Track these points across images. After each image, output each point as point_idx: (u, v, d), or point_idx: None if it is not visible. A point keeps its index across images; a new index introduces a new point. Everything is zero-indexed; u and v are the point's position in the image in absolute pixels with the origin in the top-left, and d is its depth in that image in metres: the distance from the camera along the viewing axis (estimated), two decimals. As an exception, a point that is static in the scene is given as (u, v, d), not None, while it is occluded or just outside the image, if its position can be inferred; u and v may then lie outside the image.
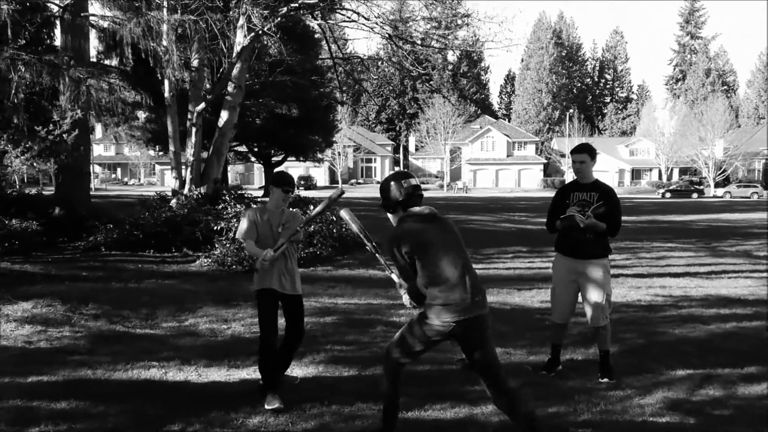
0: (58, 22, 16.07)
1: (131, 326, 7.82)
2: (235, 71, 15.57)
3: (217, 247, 12.21)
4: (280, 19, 14.89)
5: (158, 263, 12.48)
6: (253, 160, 41.42)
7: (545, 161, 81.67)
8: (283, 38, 15.59)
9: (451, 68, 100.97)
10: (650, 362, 6.26)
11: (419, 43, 19.65)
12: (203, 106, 16.15)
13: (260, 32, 14.67)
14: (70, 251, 13.53)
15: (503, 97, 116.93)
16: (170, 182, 17.25)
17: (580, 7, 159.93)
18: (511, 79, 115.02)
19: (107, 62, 17.78)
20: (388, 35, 17.29)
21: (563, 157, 72.79)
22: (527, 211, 32.77)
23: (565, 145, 73.07)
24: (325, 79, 32.27)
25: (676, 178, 75.97)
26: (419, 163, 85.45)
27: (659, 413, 4.96)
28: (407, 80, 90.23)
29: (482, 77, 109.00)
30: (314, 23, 20.83)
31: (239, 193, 16.43)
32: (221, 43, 14.46)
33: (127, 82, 17.69)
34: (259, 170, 68.59)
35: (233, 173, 69.09)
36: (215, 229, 12.81)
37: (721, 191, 63.74)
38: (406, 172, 4.53)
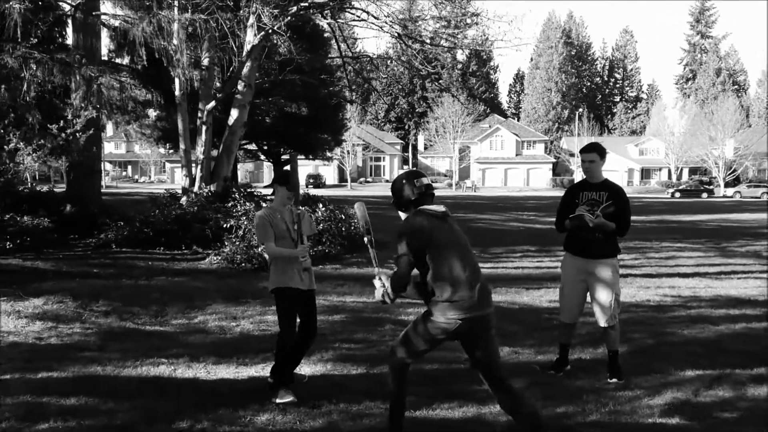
0: (69, 21, 16.19)
1: (141, 323, 7.86)
2: (245, 70, 15.62)
3: (226, 244, 12.25)
4: (290, 18, 14.93)
5: (168, 260, 12.55)
6: (262, 158, 41.43)
7: (554, 160, 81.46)
8: (292, 37, 15.66)
9: (460, 67, 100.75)
10: (659, 363, 6.24)
11: (428, 42, 19.67)
12: (213, 104, 16.22)
13: (270, 31, 14.72)
14: (81, 248, 13.61)
15: (512, 96, 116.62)
16: (180, 180, 17.31)
17: (589, 6, 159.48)
18: (520, 78, 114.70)
19: (118, 61, 17.90)
20: (397, 34, 17.31)
21: (572, 156, 72.56)
22: (536, 210, 32.70)
23: (574, 144, 72.79)
24: (334, 77, 32.24)
25: (685, 177, 75.63)
26: (428, 161, 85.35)
27: (668, 414, 4.95)
28: (416, 79, 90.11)
29: (491, 76, 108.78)
30: (324, 22, 20.91)
31: (249, 191, 16.51)
32: (231, 42, 14.52)
33: (138, 80, 17.83)
34: (268, 168, 68.75)
35: (243, 171, 69.28)
36: (225, 226, 12.85)
37: (731, 191, 63.39)
38: (418, 171, 4.52)
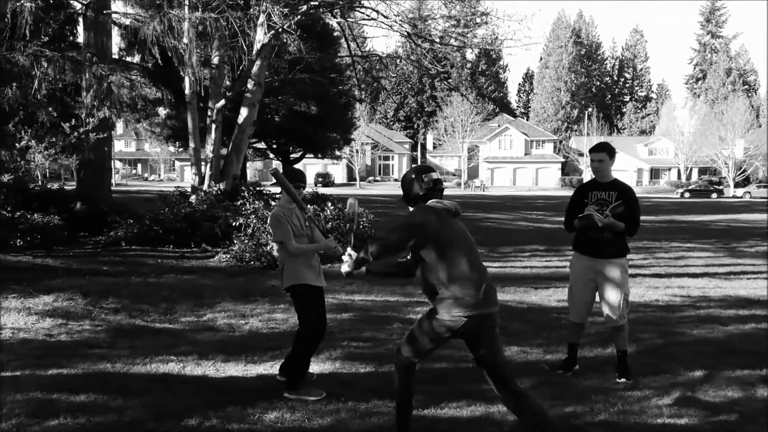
0: (80, 19, 16.26)
1: (150, 320, 7.89)
2: (255, 69, 15.65)
3: (235, 243, 12.27)
4: (300, 17, 14.97)
5: (177, 258, 12.59)
6: (271, 156, 41.46)
7: (563, 160, 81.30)
8: (302, 36, 15.69)
9: (469, 66, 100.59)
10: (668, 363, 6.22)
11: (438, 41, 19.68)
12: (223, 103, 16.26)
13: (280, 30, 14.74)
14: (91, 246, 13.68)
15: (521, 95, 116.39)
16: (190, 178, 17.35)
17: (599, 5, 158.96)
18: (529, 77, 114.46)
19: (129, 59, 17.98)
20: (407, 33, 17.32)
21: (581, 156, 72.40)
22: (545, 209, 32.65)
23: (583, 144, 72.70)
24: (343, 76, 32.27)
25: (695, 177, 75.34)
26: (437, 161, 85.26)
27: (677, 414, 4.93)
28: (425, 78, 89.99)
29: (501, 75, 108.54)
30: (334, 21, 20.93)
31: (258, 189, 16.53)
32: (241, 40, 14.55)
33: (148, 78, 17.91)
34: (277, 167, 68.84)
35: (252, 170, 69.39)
36: (234, 225, 12.87)
37: (740, 191, 63.15)
38: (427, 166, 4.49)
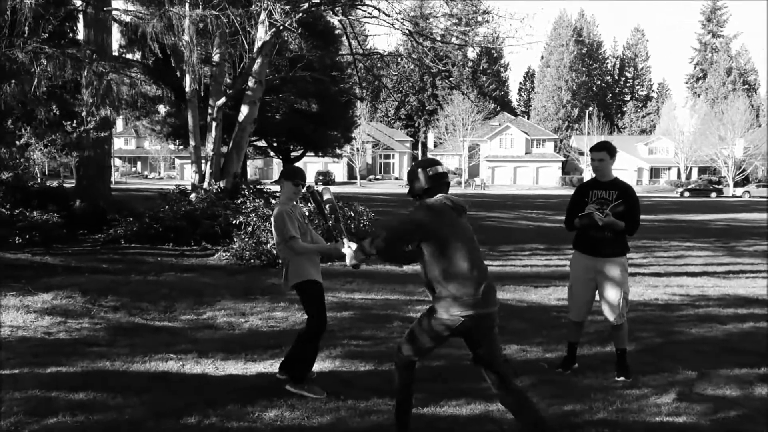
0: (81, 16, 16.24)
1: (150, 318, 7.89)
2: (255, 66, 15.63)
3: (235, 241, 12.27)
4: (301, 14, 14.96)
5: (177, 256, 12.58)
6: (272, 154, 41.46)
7: (564, 159, 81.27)
8: (303, 34, 15.69)
9: (470, 65, 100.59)
10: (667, 361, 6.23)
11: (439, 39, 19.68)
12: (224, 100, 16.24)
13: (281, 28, 14.72)
14: (90, 243, 13.67)
15: (522, 94, 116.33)
16: (190, 176, 17.35)
17: (601, 5, 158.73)
18: (530, 76, 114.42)
19: (129, 56, 17.93)
20: (408, 32, 17.30)
21: (582, 155, 72.37)
22: (545, 208, 32.65)
23: (584, 143, 72.65)
24: (344, 75, 32.23)
25: (695, 177, 75.34)
26: (437, 159, 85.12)
27: (676, 413, 4.94)
28: (427, 77, 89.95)
29: (502, 74, 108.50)
30: (335, 19, 20.88)
31: (258, 187, 16.53)
32: (242, 38, 14.53)
33: (148, 76, 17.87)
34: (278, 165, 68.78)
35: (252, 168, 69.41)
36: (234, 223, 12.87)
37: (740, 191, 63.09)
38: (434, 159, 4.44)
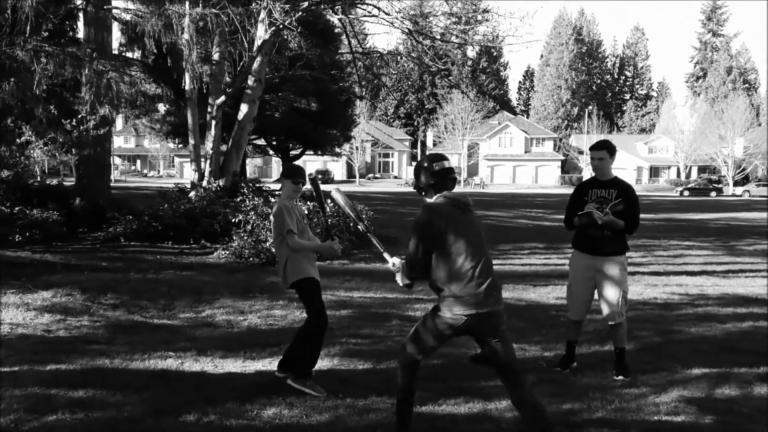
0: (81, 14, 16.21)
1: (149, 316, 7.89)
2: (255, 65, 15.63)
3: (234, 239, 12.27)
4: (301, 13, 14.95)
5: (176, 255, 12.58)
6: (271, 153, 41.47)
7: (563, 158, 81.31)
8: (303, 33, 15.68)
9: (470, 64, 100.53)
10: (666, 360, 6.24)
11: (439, 38, 19.69)
12: (223, 99, 16.24)
13: (281, 26, 14.72)
14: (89, 242, 13.66)
15: (522, 93, 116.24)
16: (189, 174, 17.35)
17: (601, 3, 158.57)
18: (530, 75, 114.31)
19: (129, 55, 17.91)
20: (408, 30, 17.30)
21: (581, 154, 72.38)
22: (544, 207, 32.64)
23: (583, 141, 72.69)
24: (344, 73, 32.24)
25: (694, 176, 75.41)
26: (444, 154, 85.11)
27: (674, 412, 4.95)
28: (426, 75, 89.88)
29: (501, 73, 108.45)
30: (335, 18, 20.88)
31: (257, 186, 16.52)
32: (242, 37, 14.52)
33: (148, 74, 17.86)
34: (277, 164, 68.78)
35: (252, 166, 69.39)
36: (233, 221, 12.87)
37: (740, 190, 63.07)
38: (440, 154, 4.37)
